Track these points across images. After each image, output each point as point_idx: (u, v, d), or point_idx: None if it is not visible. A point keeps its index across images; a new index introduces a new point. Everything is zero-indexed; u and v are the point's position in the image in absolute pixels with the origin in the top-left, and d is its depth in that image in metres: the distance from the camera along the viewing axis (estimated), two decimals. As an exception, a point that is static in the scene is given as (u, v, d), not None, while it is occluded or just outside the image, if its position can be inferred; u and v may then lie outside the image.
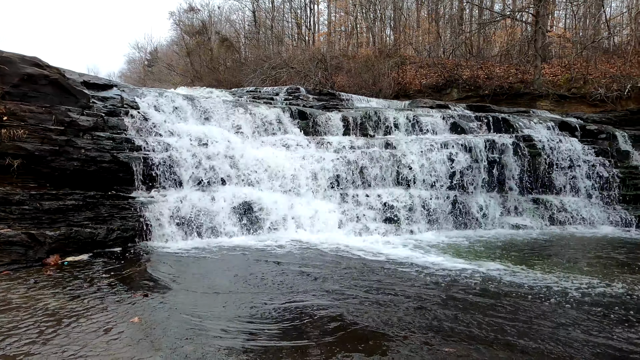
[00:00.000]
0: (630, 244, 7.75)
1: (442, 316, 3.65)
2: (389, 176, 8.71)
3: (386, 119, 10.56)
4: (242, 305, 3.84)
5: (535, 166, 9.60)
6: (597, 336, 3.32)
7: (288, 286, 4.43)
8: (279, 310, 3.70)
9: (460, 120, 10.94)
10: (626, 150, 11.21)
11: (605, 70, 18.52)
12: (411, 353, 2.89)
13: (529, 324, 3.54)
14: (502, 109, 14.13)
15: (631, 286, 4.77)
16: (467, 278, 4.95)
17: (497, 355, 2.91)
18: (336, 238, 7.15)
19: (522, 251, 6.74)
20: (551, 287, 4.64)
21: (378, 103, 14.38)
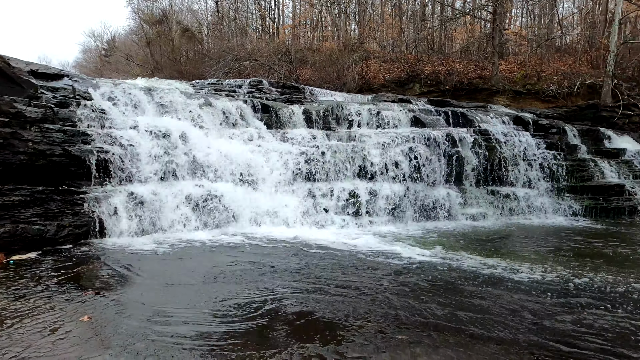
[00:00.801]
0: (577, 232, 8.20)
1: (397, 305, 3.73)
2: (350, 169, 8.79)
3: (349, 113, 10.64)
4: (200, 300, 3.78)
5: (491, 159, 9.95)
6: (544, 320, 3.50)
7: (247, 279, 4.40)
8: (236, 304, 3.67)
9: (421, 114, 11.17)
10: (574, 144, 11.83)
11: (557, 67, 19.41)
12: (365, 341, 2.95)
13: (480, 309, 3.69)
14: (461, 103, 14.56)
15: (575, 271, 5.05)
16: (424, 267, 5.09)
17: (447, 340, 3.01)
18: (298, 231, 7.15)
19: (478, 241, 6.99)
20: (503, 274, 4.85)
21: (342, 97, 14.46)
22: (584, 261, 5.67)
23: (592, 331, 3.28)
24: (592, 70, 18.62)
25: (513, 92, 18.31)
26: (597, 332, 3.27)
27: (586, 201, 10.18)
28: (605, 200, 10.16)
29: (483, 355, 2.82)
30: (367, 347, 2.86)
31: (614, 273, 5.02)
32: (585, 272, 5.03)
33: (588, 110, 15.15)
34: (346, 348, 2.84)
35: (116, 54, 36.38)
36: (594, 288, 4.41)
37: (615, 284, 4.57)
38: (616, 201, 10.13)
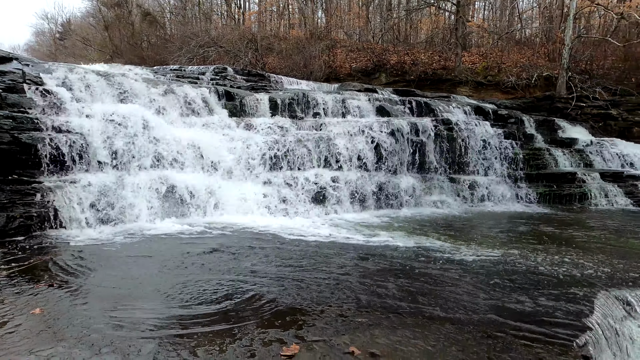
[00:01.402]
0: (531, 217, 8.60)
1: (359, 289, 3.81)
2: (316, 158, 8.81)
3: (315, 101, 10.62)
4: (160, 289, 3.72)
5: (453, 148, 10.23)
6: (498, 300, 3.66)
7: (210, 268, 4.36)
8: (198, 292, 3.63)
9: (386, 103, 11.30)
10: (531, 134, 12.32)
11: (516, 60, 20.06)
12: (326, 325, 2.99)
13: (438, 292, 3.81)
14: (425, 93, 14.83)
15: (528, 254, 5.30)
16: (386, 253, 5.20)
17: (405, 322, 3.11)
18: (263, 220, 7.13)
19: (439, 227, 7.20)
20: (461, 258, 5.03)
21: (308, 85, 14.41)
22: (537, 244, 5.96)
23: (541, 309, 3.46)
24: (549, 62, 19.39)
25: (475, 83, 18.82)
26: (546, 310, 3.46)
27: (541, 188, 10.67)
28: (559, 188, 10.68)
29: (439, 335, 2.93)
30: (327, 330, 2.91)
31: (564, 254, 5.31)
32: (538, 254, 5.29)
33: (544, 102, 15.80)
34: (307, 332, 2.87)
35: (72, 38, 34.62)
36: (546, 269, 4.64)
37: (566, 264, 4.84)
38: (568, 188, 10.67)
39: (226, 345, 2.66)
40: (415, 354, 2.63)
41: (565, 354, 2.77)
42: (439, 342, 2.82)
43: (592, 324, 3.29)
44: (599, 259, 5.17)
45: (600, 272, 4.61)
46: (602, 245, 6.08)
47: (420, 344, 2.77)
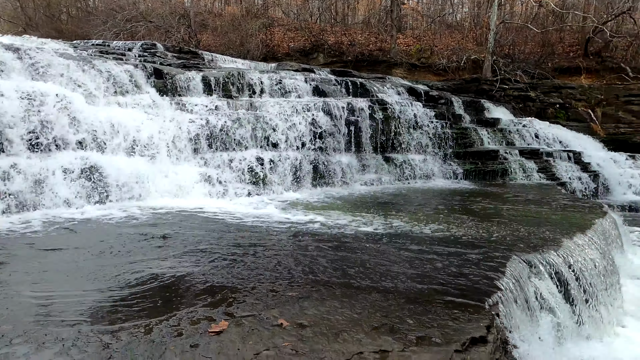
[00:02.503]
0: (458, 192, 9.16)
1: (291, 266, 3.87)
2: (252, 138, 8.69)
3: (251, 81, 10.42)
4: (84, 275, 3.53)
5: (387, 127, 10.55)
6: (423, 268, 3.89)
7: (138, 252, 4.20)
8: (124, 276, 3.49)
9: (322, 84, 11.35)
10: (459, 114, 13.00)
11: (447, 43, 20.93)
12: (256, 301, 3.02)
13: (367, 264, 3.98)
14: (362, 74, 15.08)
15: (453, 225, 5.67)
16: (321, 230, 5.32)
17: (334, 293, 3.22)
18: (197, 202, 6.96)
19: (373, 204, 7.46)
20: (391, 231, 5.26)
21: (244, 64, 14.08)
22: (461, 216, 6.38)
23: (460, 275, 3.74)
24: (477, 46, 20.44)
25: (409, 65, 19.42)
26: (465, 275, 3.73)
27: (468, 165, 11.36)
28: (483, 164, 11.44)
29: (365, 303, 3.07)
30: (257, 305, 2.94)
31: (485, 224, 5.74)
32: (462, 226, 5.66)
33: (472, 84, 16.70)
34: (236, 308, 2.89)
35: (-24, 7, 30.83)
36: (468, 238, 4.99)
37: (486, 233, 5.24)
38: (492, 165, 11.45)
39: (152, 327, 2.60)
40: (341, 322, 2.74)
41: (478, 312, 3.02)
42: (365, 309, 2.96)
43: (502, 285, 3.61)
44: (515, 228, 5.65)
45: (515, 240, 5.04)
46: (519, 216, 6.64)
47: (347, 313, 2.89)
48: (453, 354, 2.40)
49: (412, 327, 2.72)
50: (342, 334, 2.58)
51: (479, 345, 2.61)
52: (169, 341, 2.43)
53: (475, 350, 2.54)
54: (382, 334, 2.61)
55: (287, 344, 2.41)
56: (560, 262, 4.65)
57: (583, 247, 5.22)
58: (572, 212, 7.12)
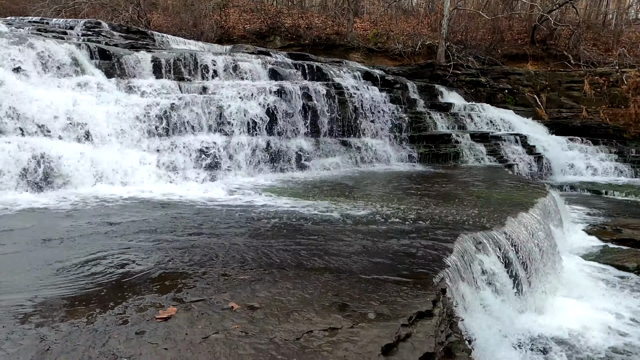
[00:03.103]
0: (413, 175, 9.40)
1: (245, 250, 3.83)
2: (206, 122, 8.46)
3: (204, 63, 10.09)
4: (28, 267, 3.33)
5: (344, 111, 10.59)
6: (376, 248, 3.97)
7: (85, 241, 4.01)
8: (70, 266, 3.33)
9: (279, 67, 11.18)
10: (414, 98, 13.26)
11: (403, 28, 21.16)
12: (207, 285, 2.98)
13: (321, 246, 4.01)
14: (319, 58, 14.98)
15: (406, 206, 5.81)
16: (276, 214, 5.30)
17: (287, 275, 3.23)
18: (148, 188, 6.72)
19: (329, 187, 7.50)
20: (346, 213, 5.33)
21: (198, 46, 13.61)
22: (415, 198, 6.56)
23: (411, 253, 3.85)
24: (432, 32, 20.82)
25: (366, 50, 19.50)
26: (415, 254, 3.85)
27: (422, 149, 11.65)
28: (437, 148, 11.78)
29: (317, 283, 3.10)
30: (207, 290, 2.90)
31: (437, 205, 5.93)
32: (415, 208, 5.82)
33: (426, 69, 17.03)
34: (186, 294, 2.83)
35: None
36: (420, 219, 5.14)
37: (438, 213, 5.41)
38: (445, 148, 11.82)
39: (95, 316, 2.51)
40: (293, 302, 2.75)
41: (426, 288, 3.13)
42: (317, 290, 2.99)
43: (450, 262, 3.76)
44: (464, 208, 5.87)
45: (464, 219, 5.24)
46: (468, 197, 6.91)
47: (299, 293, 2.90)
48: (400, 328, 2.48)
49: (362, 305, 2.78)
50: (293, 314, 2.60)
51: (425, 319, 2.71)
52: (113, 329, 2.35)
53: (421, 323, 2.64)
54: (332, 312, 2.65)
55: (237, 326, 2.40)
56: (504, 238, 4.90)
57: (525, 225, 5.52)
58: (517, 192, 7.50)
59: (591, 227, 8.07)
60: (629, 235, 7.44)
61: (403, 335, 2.44)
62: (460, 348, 2.88)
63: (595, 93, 16.29)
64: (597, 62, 18.22)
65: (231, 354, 2.12)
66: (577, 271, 5.99)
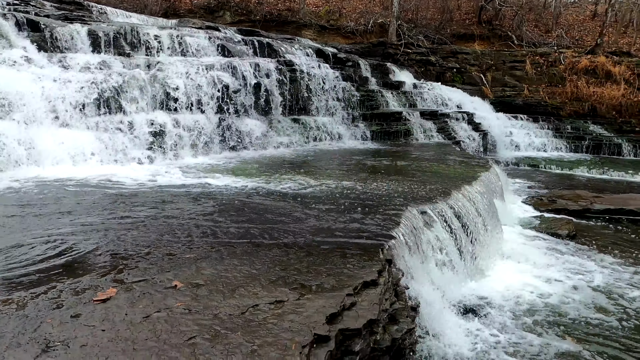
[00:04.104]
0: (365, 152, 9.52)
1: (192, 229, 3.75)
2: (151, 100, 8.08)
3: (147, 37, 9.57)
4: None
5: (296, 89, 10.47)
6: (326, 223, 4.00)
7: (22, 228, 3.75)
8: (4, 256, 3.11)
9: (228, 43, 10.82)
10: (366, 77, 13.34)
11: (355, 6, 21.07)
12: (150, 265, 2.89)
13: (270, 223, 3.99)
14: (270, 35, 14.62)
15: (357, 182, 5.89)
16: (227, 193, 5.20)
17: (234, 252, 3.19)
18: (91, 170, 6.37)
19: (281, 166, 7.45)
20: (296, 191, 5.33)
21: (141, 20, 12.86)
22: (366, 174, 6.66)
23: (360, 227, 3.92)
24: (383, 10, 20.86)
25: (319, 27, 19.28)
26: (364, 227, 3.93)
27: (374, 126, 11.80)
28: (388, 125, 11.96)
29: (265, 259, 3.09)
30: (150, 270, 2.81)
31: (389, 181, 6.05)
32: (366, 183, 5.91)
33: (378, 47, 17.12)
34: (127, 275, 2.73)
35: None
36: (371, 194, 5.23)
37: (388, 188, 5.53)
38: (396, 126, 12.03)
39: (26, 302, 2.36)
40: (239, 278, 2.73)
41: (372, 259, 3.21)
42: (265, 265, 2.98)
43: (396, 234, 3.87)
44: (413, 183, 6.04)
45: (412, 193, 5.40)
46: (418, 172, 7.11)
47: (246, 269, 2.89)
48: (345, 298, 2.53)
49: (309, 277, 2.81)
50: (239, 289, 2.58)
51: (370, 288, 2.78)
52: (46, 314, 2.23)
53: (366, 293, 2.71)
54: (279, 286, 2.66)
55: (180, 304, 2.35)
56: (449, 210, 5.11)
57: (469, 197, 5.77)
58: (464, 167, 7.81)
59: (530, 199, 8.59)
60: (562, 205, 8.00)
61: (348, 305, 2.50)
62: (404, 314, 3.00)
63: (536, 72, 17.11)
64: (538, 42, 19.10)
65: (173, 331, 2.08)
66: (516, 239, 6.37)
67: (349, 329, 2.32)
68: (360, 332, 2.36)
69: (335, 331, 2.24)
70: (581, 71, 16.28)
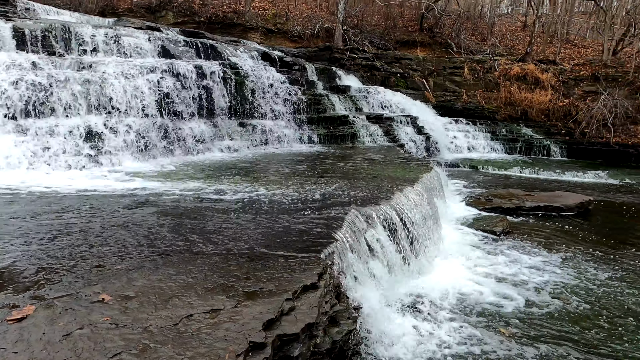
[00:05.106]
0: (312, 156, 9.56)
1: (127, 238, 3.56)
2: (85, 102, 7.63)
3: (81, 36, 9.03)
4: None
5: (241, 92, 10.32)
6: (269, 227, 3.95)
7: None
8: None
9: (170, 44, 10.47)
10: (313, 80, 13.42)
11: (302, 10, 21.18)
12: (75, 279, 2.70)
13: (211, 230, 3.88)
14: (215, 37, 14.33)
15: (302, 185, 5.89)
16: (167, 199, 5.00)
17: (170, 261, 3.06)
18: (17, 177, 5.89)
19: (227, 170, 7.30)
20: (243, 197, 5.23)
21: (74, 18, 12.13)
22: (312, 178, 6.67)
23: (303, 230, 3.91)
24: (330, 15, 21.15)
25: (265, 30, 19.17)
26: (307, 230, 3.92)
27: (321, 130, 11.88)
28: (335, 129, 12.10)
29: (203, 267, 2.99)
30: (75, 284, 2.63)
31: (334, 183, 6.09)
32: (311, 187, 5.91)
33: (325, 51, 17.30)
34: (49, 290, 2.53)
35: None
36: (316, 196, 5.24)
37: (333, 191, 5.57)
38: (342, 129, 12.19)
39: None
40: (174, 288, 2.62)
41: (314, 262, 3.21)
42: (202, 273, 2.89)
43: (339, 236, 3.90)
44: (358, 185, 6.13)
45: (357, 196, 5.47)
46: (363, 175, 7.23)
47: (181, 278, 2.78)
48: (283, 303, 2.50)
49: (248, 284, 2.75)
50: (173, 299, 2.47)
51: (310, 292, 2.77)
52: (-50, 338, 2.01)
53: (306, 296, 2.70)
54: (216, 294, 2.58)
55: (106, 318, 2.21)
56: (392, 211, 5.23)
57: (411, 198, 5.95)
58: (407, 169, 8.05)
59: (469, 198, 9.01)
60: (498, 204, 8.47)
61: (287, 309, 2.47)
62: (345, 316, 3.02)
63: (474, 78, 18.06)
64: (474, 50, 20.17)
65: (96, 348, 1.95)
66: (455, 237, 6.65)
67: (287, 334, 2.29)
68: (298, 337, 2.34)
69: (272, 337, 2.20)
70: (513, 78, 17.39)
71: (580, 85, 17.08)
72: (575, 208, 8.26)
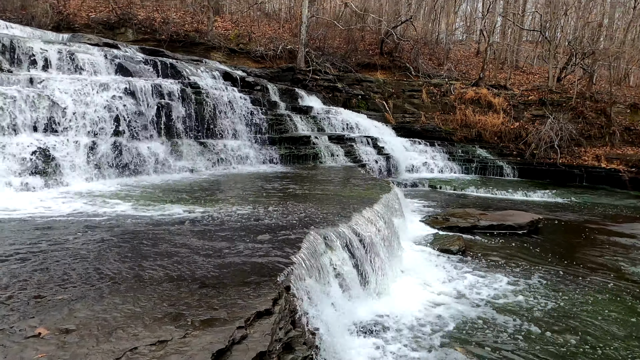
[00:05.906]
0: (273, 176, 9.52)
1: (72, 264, 3.37)
2: (34, 120, 7.28)
3: (31, 52, 8.69)
4: None
5: (201, 112, 10.20)
6: (224, 251, 3.86)
7: None
8: None
9: (127, 62, 10.25)
10: (275, 101, 13.49)
11: (265, 31, 21.39)
12: (10, 311, 2.52)
13: (165, 255, 3.75)
14: (176, 55, 14.19)
15: (261, 206, 5.83)
16: (119, 222, 4.81)
17: (117, 289, 2.93)
18: (-50, 200, 5.50)
19: (184, 192, 7.13)
20: (200, 219, 5.11)
21: (25, 32, 11.68)
22: (272, 199, 6.63)
23: (259, 253, 3.85)
24: (292, 37, 21.46)
25: (228, 50, 19.17)
26: (263, 253, 3.86)
27: (283, 150, 11.90)
28: (297, 149, 12.16)
29: (153, 294, 2.88)
30: (9, 317, 2.45)
31: (294, 204, 6.07)
32: (270, 208, 5.87)
33: (288, 72, 17.50)
34: (-21, 325, 2.35)
35: None
36: (274, 218, 5.19)
37: (293, 212, 5.54)
38: (304, 149, 12.27)
39: None
40: (119, 319, 2.50)
41: (270, 287, 3.16)
42: (151, 301, 2.77)
43: (297, 259, 3.87)
44: (318, 206, 6.14)
45: (316, 217, 5.47)
46: (323, 195, 7.26)
47: (128, 308, 2.65)
48: (235, 331, 2.43)
49: (199, 312, 2.67)
50: (117, 331, 2.35)
51: (264, 318, 2.72)
52: None
53: (259, 323, 2.64)
54: (164, 324, 2.48)
55: (41, 355, 2.07)
56: (350, 232, 5.26)
57: (369, 219, 6.02)
58: (366, 189, 8.16)
59: (427, 218, 9.24)
60: (454, 223, 8.72)
61: (238, 338, 2.41)
62: (300, 342, 2.97)
63: (431, 101, 18.76)
64: (432, 74, 21.01)
65: (27, 390, 1.81)
66: (414, 256, 6.77)
67: (238, 365, 2.23)
68: (250, 367, 2.28)
69: (222, 369, 2.13)
70: (468, 101, 18.21)
71: (529, 109, 18.11)
72: (526, 226, 8.64)
